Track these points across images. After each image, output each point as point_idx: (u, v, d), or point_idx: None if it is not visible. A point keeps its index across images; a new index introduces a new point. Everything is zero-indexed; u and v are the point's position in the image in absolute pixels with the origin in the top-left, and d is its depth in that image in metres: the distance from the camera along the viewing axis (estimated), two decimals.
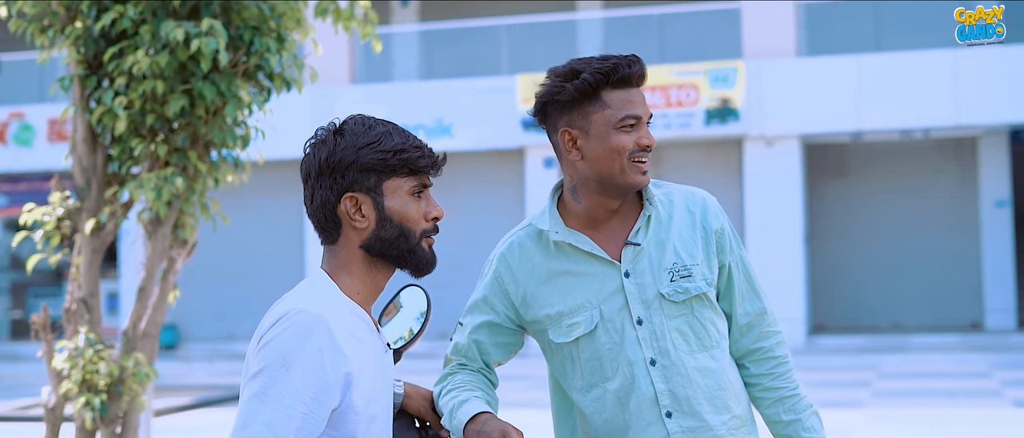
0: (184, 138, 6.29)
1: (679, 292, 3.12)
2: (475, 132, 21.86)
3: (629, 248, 3.14)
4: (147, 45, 6.05)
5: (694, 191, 3.27)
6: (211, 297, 23.56)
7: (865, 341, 20.81)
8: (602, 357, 3.14)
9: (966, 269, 22.36)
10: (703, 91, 20.68)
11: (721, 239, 3.20)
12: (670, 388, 3.11)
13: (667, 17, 22.38)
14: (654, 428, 3.11)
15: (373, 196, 2.70)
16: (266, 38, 6.17)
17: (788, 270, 20.53)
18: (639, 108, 3.11)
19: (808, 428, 3.23)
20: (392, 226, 2.71)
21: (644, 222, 3.15)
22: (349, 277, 2.73)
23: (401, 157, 2.71)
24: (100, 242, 6.40)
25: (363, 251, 2.72)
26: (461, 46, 23.53)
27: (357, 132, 2.72)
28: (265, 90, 6.45)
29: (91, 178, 6.41)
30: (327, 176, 2.70)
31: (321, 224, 2.74)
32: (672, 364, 3.11)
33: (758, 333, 3.25)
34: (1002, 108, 20.08)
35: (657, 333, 3.12)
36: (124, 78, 6.09)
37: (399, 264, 2.75)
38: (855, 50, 21.12)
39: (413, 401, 3.08)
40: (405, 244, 2.73)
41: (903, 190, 22.91)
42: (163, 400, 15.14)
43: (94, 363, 6.22)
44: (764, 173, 20.93)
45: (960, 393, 15.06)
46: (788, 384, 3.25)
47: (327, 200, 2.71)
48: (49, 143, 23.16)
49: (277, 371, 2.53)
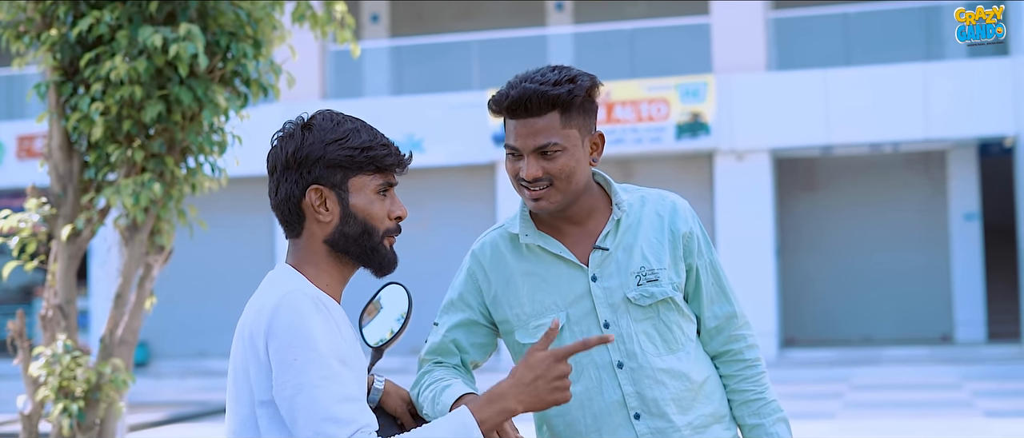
0: (161, 144, 6.27)
1: (645, 296, 3.13)
2: (446, 147, 21.86)
3: (597, 252, 3.15)
4: (124, 50, 6.03)
5: (665, 195, 3.27)
6: (182, 314, 23.45)
7: (836, 354, 20.87)
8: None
9: (936, 282, 22.47)
10: (674, 105, 20.74)
11: (689, 242, 3.20)
12: (638, 390, 3.13)
13: (637, 32, 22.45)
14: (623, 430, 3.14)
15: (338, 192, 2.71)
16: (243, 44, 6.16)
17: (759, 284, 20.58)
18: (517, 140, 3.07)
19: (771, 433, 3.24)
20: (356, 223, 2.72)
21: (613, 226, 3.16)
22: (315, 269, 2.74)
23: (368, 155, 2.72)
24: (77, 249, 6.36)
25: (326, 246, 2.73)
26: (432, 62, 23.54)
27: (325, 127, 2.72)
28: (242, 96, 6.44)
29: (67, 185, 6.38)
30: (293, 170, 2.71)
31: (285, 217, 2.74)
32: (640, 366, 3.13)
33: (727, 336, 3.25)
34: (971, 122, 20.20)
35: (624, 336, 3.13)
36: (101, 84, 6.06)
37: (361, 261, 2.76)
38: (825, 64, 21.22)
39: (391, 399, 3.07)
40: (368, 242, 2.74)
41: (873, 204, 23.01)
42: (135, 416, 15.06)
43: (71, 370, 6.18)
44: (735, 187, 20.99)
45: (931, 404, 15.12)
46: (755, 388, 3.26)
47: (292, 193, 2.71)
48: (18, 160, 23.01)
49: (298, 350, 2.54)
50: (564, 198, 3.10)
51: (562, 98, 3.04)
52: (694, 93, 20.73)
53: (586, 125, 3.11)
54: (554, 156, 3.05)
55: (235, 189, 22.77)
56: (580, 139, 3.09)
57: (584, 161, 3.11)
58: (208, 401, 17.50)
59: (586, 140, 3.11)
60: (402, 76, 23.61)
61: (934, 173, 22.78)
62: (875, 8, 21.91)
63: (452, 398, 2.95)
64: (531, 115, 3.05)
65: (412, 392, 3.13)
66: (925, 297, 22.54)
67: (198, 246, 23.18)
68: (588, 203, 3.19)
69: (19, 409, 6.35)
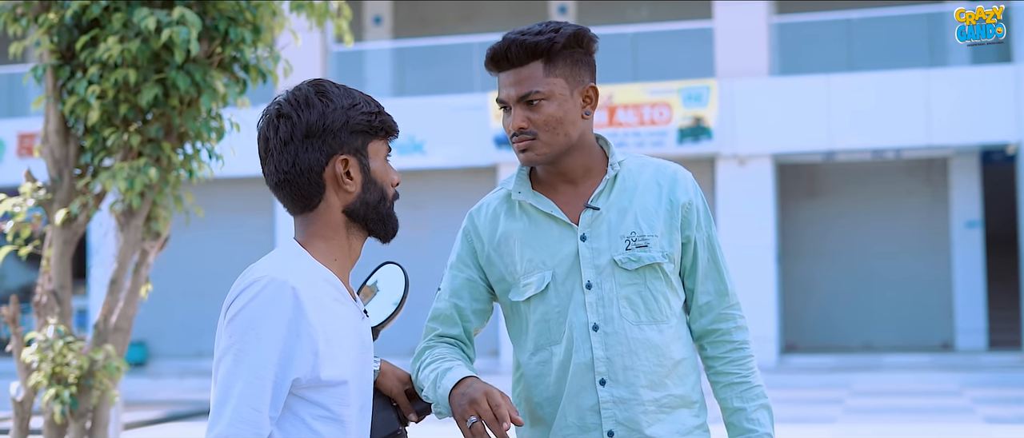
0: (158, 129, 6.21)
1: (632, 260, 3.09)
2: (447, 150, 21.83)
3: (588, 211, 3.12)
4: (118, 32, 5.98)
5: (667, 164, 3.25)
6: (180, 314, 23.43)
7: (837, 360, 20.82)
8: (550, 319, 3.13)
9: (937, 289, 22.42)
10: (676, 110, 20.70)
11: (688, 213, 3.16)
12: (608, 355, 3.09)
13: (640, 36, 22.42)
14: (586, 394, 3.09)
15: (360, 158, 2.67)
16: (241, 29, 6.11)
17: (760, 289, 20.54)
18: (503, 91, 3.11)
19: (752, 420, 3.17)
20: (375, 189, 2.69)
21: (606, 186, 3.14)
22: (326, 244, 2.68)
23: (382, 119, 2.71)
24: (72, 234, 6.30)
25: (345, 216, 2.68)
26: (433, 64, 23.51)
27: (339, 93, 2.68)
28: (240, 82, 6.39)
29: (63, 169, 6.33)
30: (317, 138, 2.63)
31: (303, 190, 2.66)
32: (615, 332, 3.08)
33: (716, 315, 3.20)
34: (973, 128, 20.15)
35: (605, 299, 3.09)
36: (97, 67, 6.01)
37: (375, 228, 2.72)
38: (827, 70, 21.18)
39: (387, 379, 3.02)
40: (384, 207, 2.72)
41: (874, 210, 22.97)
42: (132, 414, 15.04)
43: (63, 355, 6.12)
44: (736, 192, 20.95)
45: (932, 410, 15.07)
46: (740, 371, 3.19)
47: (315, 163, 2.64)
48: (19, 158, 22.98)
49: (247, 341, 2.50)
50: (551, 150, 3.09)
51: (542, 46, 3.06)
52: (697, 97, 20.69)
53: (575, 76, 3.11)
54: (539, 106, 3.06)
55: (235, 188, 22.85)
56: (568, 89, 3.09)
57: (573, 113, 3.10)
58: (205, 401, 17.45)
59: (576, 92, 3.10)
60: (404, 78, 23.58)
61: (936, 180, 22.74)
62: (878, 14, 21.87)
63: (452, 382, 2.91)
64: (514, 65, 3.08)
65: (413, 365, 3.11)
66: (926, 304, 22.49)
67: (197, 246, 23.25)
68: (583, 161, 3.16)
69: (12, 396, 6.29)
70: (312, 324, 2.53)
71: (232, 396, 2.48)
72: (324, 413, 2.59)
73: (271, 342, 2.50)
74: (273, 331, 2.50)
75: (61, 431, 6.31)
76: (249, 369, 2.49)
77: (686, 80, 20.99)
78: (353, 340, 2.66)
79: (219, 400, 2.49)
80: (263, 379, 2.49)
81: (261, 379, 2.49)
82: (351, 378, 2.63)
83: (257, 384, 2.49)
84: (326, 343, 2.56)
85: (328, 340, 2.57)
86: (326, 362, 2.56)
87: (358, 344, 2.69)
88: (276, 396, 2.52)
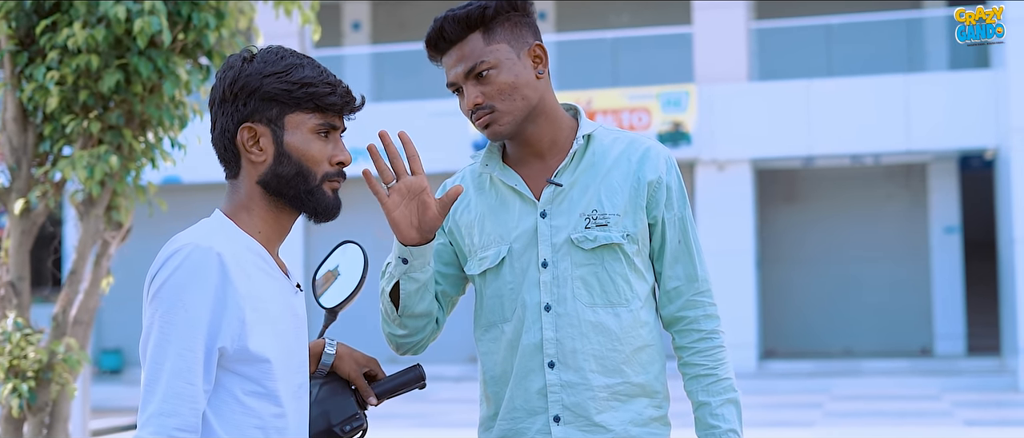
0: (119, 116, 6.09)
1: (589, 240, 2.97)
2: (427, 155, 21.42)
3: (550, 187, 3.01)
4: (82, 18, 5.85)
5: (642, 139, 3.09)
6: None
7: (816, 366, 20.80)
8: (503, 296, 3.03)
9: (916, 295, 22.42)
10: (655, 115, 20.65)
11: (655, 191, 3.01)
12: (558, 337, 2.97)
13: (620, 41, 22.38)
14: (534, 376, 2.98)
15: (273, 128, 2.57)
16: (205, 13, 5.99)
17: (739, 295, 20.49)
18: (449, 73, 3.02)
19: (717, 415, 3.01)
20: (290, 163, 2.58)
21: (570, 161, 3.02)
22: (248, 215, 2.60)
23: (308, 91, 2.58)
24: (30, 223, 6.18)
25: (260, 187, 2.59)
26: (413, 69, 23.43)
27: (267, 60, 2.58)
28: (203, 69, 6.27)
29: (21, 158, 6.20)
30: (230, 103, 2.57)
31: (221, 155, 2.61)
32: (566, 313, 2.97)
33: (685, 301, 3.05)
34: (952, 134, 20.13)
35: (559, 279, 2.97)
36: (57, 53, 5.89)
37: (297, 206, 2.62)
38: (806, 75, 21.17)
39: (344, 363, 2.92)
40: (303, 184, 2.60)
41: (853, 216, 22.97)
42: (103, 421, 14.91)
43: (21, 348, 5.99)
44: (715, 197, 20.90)
45: (911, 414, 15.04)
46: (707, 362, 3.04)
47: (227, 128, 2.58)
48: None
49: (175, 313, 2.40)
50: (513, 117, 2.99)
51: (474, 16, 2.98)
52: (676, 103, 20.65)
53: (518, 38, 3.01)
54: (488, 77, 2.97)
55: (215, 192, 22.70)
56: (514, 53, 2.99)
57: (526, 75, 3.00)
58: None
59: (522, 54, 3.00)
60: (383, 83, 23.51)
61: (915, 185, 22.74)
62: (858, 19, 21.87)
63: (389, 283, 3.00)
64: (453, 43, 2.99)
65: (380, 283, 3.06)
66: (905, 310, 22.48)
67: None
68: (550, 131, 3.06)
69: None
70: (239, 291, 2.45)
71: (164, 371, 2.39)
72: (256, 388, 2.50)
73: (198, 311, 2.41)
74: (200, 300, 2.41)
75: (18, 425, 6.18)
76: (178, 341, 2.40)
77: (665, 85, 20.94)
78: (284, 313, 2.58)
79: (150, 377, 2.40)
80: (194, 350, 2.40)
81: (192, 350, 2.40)
82: (280, 352, 2.54)
83: (189, 356, 2.40)
84: (253, 311, 2.47)
85: (254, 309, 2.48)
86: (254, 332, 2.47)
87: (290, 318, 2.60)
88: (207, 367, 2.43)
